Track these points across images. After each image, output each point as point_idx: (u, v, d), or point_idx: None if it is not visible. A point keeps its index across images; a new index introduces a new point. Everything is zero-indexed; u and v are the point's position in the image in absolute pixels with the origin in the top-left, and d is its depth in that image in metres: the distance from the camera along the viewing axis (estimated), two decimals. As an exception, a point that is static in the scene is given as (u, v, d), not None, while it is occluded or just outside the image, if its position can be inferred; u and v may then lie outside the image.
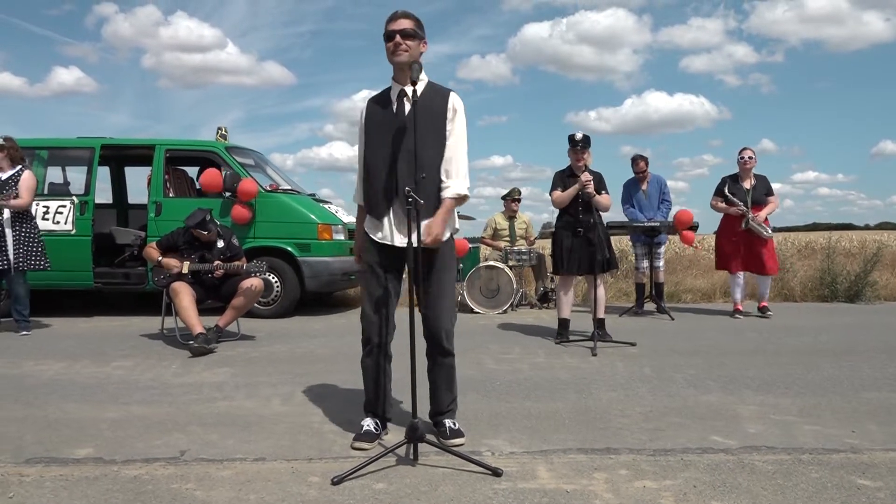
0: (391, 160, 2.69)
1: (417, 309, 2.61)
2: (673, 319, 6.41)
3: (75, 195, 6.86)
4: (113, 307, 7.61)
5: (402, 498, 2.22)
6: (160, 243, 5.24)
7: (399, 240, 2.70)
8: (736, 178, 6.61)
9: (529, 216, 8.26)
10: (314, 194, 7.53)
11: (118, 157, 8.00)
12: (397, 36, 2.65)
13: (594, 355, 4.60)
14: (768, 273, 6.62)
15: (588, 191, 4.89)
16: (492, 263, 7.24)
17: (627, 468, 2.47)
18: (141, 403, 3.43)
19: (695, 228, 6.94)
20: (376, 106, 2.80)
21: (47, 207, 6.73)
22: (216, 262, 5.11)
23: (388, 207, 2.73)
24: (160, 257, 5.11)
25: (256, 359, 4.60)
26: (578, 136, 5.05)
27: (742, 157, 6.56)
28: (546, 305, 7.58)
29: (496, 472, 2.39)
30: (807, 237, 16.14)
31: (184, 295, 4.90)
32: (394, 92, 2.75)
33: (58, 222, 6.73)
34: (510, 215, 7.94)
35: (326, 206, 7.27)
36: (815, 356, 4.55)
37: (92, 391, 3.70)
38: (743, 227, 6.45)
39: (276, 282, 6.70)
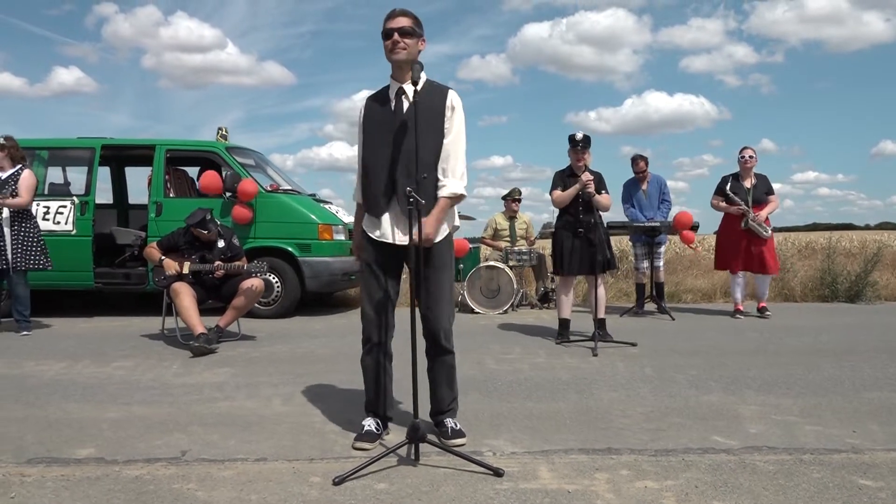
0: (390, 158, 2.68)
1: (417, 308, 2.61)
2: (674, 319, 6.41)
3: (76, 195, 6.86)
4: (113, 307, 7.61)
5: (403, 498, 2.22)
6: (161, 243, 5.24)
7: (397, 238, 2.69)
8: (737, 178, 6.61)
9: (530, 216, 8.26)
10: (314, 194, 7.52)
11: (119, 157, 8.00)
12: (395, 34, 2.64)
13: (595, 355, 4.60)
14: (769, 272, 6.62)
15: (588, 191, 4.89)
16: (492, 264, 7.24)
17: (629, 468, 2.47)
18: (142, 404, 3.43)
19: (695, 228, 6.95)
20: (375, 104, 2.79)
21: (48, 208, 6.73)
22: (217, 263, 5.11)
23: (386, 205, 2.71)
24: (161, 257, 5.11)
25: (257, 359, 4.60)
26: (579, 136, 5.05)
27: (743, 157, 6.56)
28: (546, 305, 7.58)
29: (498, 473, 2.39)
30: (807, 237, 16.14)
31: (184, 295, 4.90)
32: (392, 90, 2.74)
33: (58, 222, 6.73)
34: (510, 215, 7.94)
35: (327, 206, 7.26)
36: (815, 356, 4.55)
37: (93, 391, 3.70)
38: (743, 226, 6.45)
39: (277, 282, 6.69)
